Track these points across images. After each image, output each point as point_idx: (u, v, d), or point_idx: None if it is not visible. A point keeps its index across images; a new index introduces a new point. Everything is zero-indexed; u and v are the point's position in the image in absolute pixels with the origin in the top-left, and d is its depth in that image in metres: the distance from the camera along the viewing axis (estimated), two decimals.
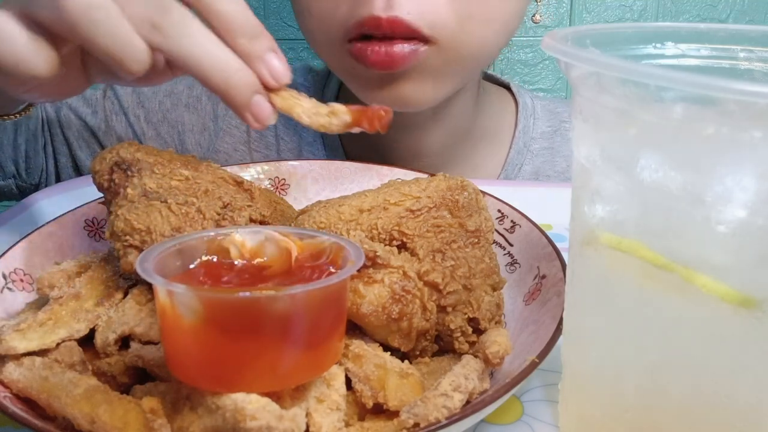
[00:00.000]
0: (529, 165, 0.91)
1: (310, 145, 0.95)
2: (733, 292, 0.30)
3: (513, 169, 0.91)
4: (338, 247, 0.39)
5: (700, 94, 0.27)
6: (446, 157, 0.89)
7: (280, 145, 0.95)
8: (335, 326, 0.38)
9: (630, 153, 0.32)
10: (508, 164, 0.91)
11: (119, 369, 0.41)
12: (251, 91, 0.45)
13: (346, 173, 0.66)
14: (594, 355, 0.37)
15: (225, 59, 0.44)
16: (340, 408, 0.38)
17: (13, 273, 0.49)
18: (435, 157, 0.89)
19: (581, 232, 0.37)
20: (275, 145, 0.95)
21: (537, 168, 0.92)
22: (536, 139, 0.92)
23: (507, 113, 0.94)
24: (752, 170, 0.28)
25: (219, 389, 0.35)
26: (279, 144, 0.95)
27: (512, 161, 0.91)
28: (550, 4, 1.51)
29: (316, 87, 0.98)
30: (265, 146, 0.96)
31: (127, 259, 0.43)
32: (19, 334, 0.40)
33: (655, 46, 0.39)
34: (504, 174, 0.91)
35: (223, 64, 0.43)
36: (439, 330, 0.44)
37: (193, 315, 0.34)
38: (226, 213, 0.46)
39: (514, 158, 0.91)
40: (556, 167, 0.92)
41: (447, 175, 0.52)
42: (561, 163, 0.92)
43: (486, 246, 0.48)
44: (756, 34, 0.38)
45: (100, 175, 0.47)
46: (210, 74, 0.43)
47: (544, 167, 0.92)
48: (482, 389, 0.40)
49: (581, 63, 0.31)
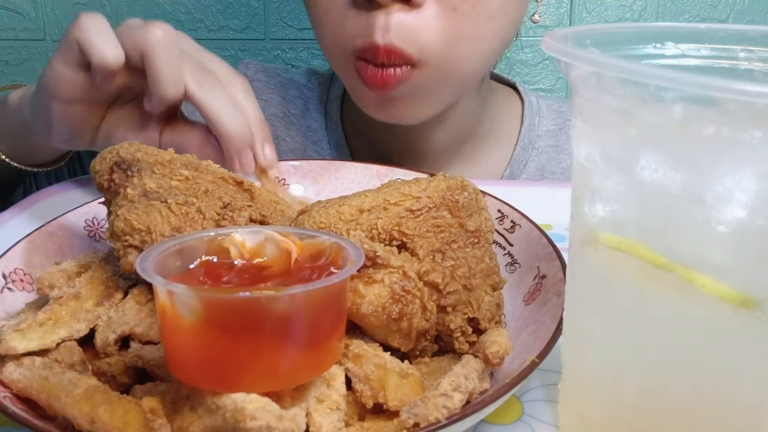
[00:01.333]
0: (534, 161, 0.92)
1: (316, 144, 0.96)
2: (733, 292, 0.30)
3: (519, 166, 0.92)
4: (338, 247, 0.39)
5: (700, 94, 0.27)
6: (452, 156, 0.91)
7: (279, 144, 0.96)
8: (335, 326, 0.38)
9: (630, 153, 0.32)
10: (514, 161, 0.92)
11: (119, 369, 0.41)
12: (245, 144, 0.60)
13: (346, 173, 0.66)
14: (594, 355, 0.37)
15: (237, 117, 0.59)
16: (340, 408, 0.38)
17: (13, 273, 0.49)
18: (440, 156, 0.90)
19: (581, 232, 0.37)
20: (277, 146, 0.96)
21: (542, 165, 0.92)
22: (541, 136, 0.93)
23: (513, 112, 0.95)
24: (752, 170, 0.28)
25: (219, 389, 0.35)
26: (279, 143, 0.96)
27: (518, 158, 0.92)
28: (550, 4, 1.50)
29: (320, 89, 0.99)
30: None
31: (127, 259, 0.43)
32: (19, 334, 0.40)
33: (655, 46, 0.39)
34: (510, 170, 0.92)
35: (234, 118, 0.59)
36: (439, 330, 0.44)
37: (193, 315, 0.34)
38: (226, 213, 0.46)
39: (520, 155, 0.92)
40: (561, 164, 0.93)
41: (447, 175, 0.52)
42: (566, 161, 0.93)
43: (486, 246, 0.48)
44: (756, 34, 0.38)
45: (100, 175, 0.47)
46: (223, 122, 0.59)
47: (549, 164, 0.93)
48: (482, 389, 0.40)
49: (581, 63, 0.31)
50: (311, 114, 0.97)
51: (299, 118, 0.97)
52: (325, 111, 0.96)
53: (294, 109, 0.98)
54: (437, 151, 0.90)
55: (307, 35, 1.56)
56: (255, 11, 1.55)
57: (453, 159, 0.91)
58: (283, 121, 0.97)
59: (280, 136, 0.97)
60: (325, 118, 0.96)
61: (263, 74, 1.00)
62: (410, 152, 0.90)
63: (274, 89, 0.99)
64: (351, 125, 0.96)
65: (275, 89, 0.99)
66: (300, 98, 0.98)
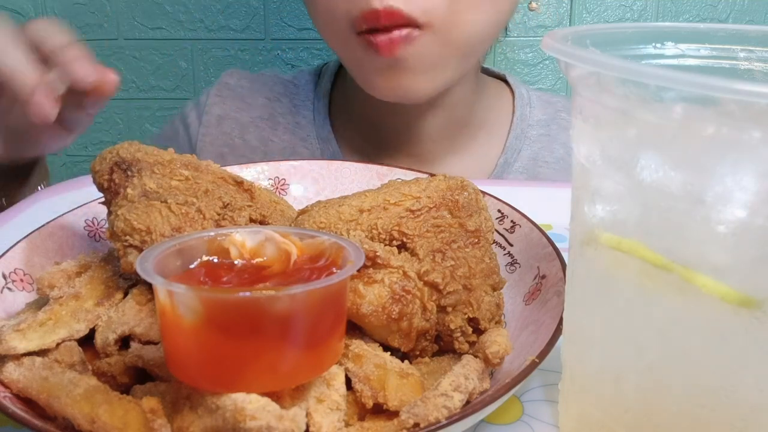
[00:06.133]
0: (527, 151, 0.94)
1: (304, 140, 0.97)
2: (733, 292, 0.30)
3: (512, 155, 0.94)
4: (338, 248, 0.39)
5: (700, 94, 0.27)
6: (446, 145, 0.92)
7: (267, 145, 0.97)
8: (335, 326, 0.38)
9: (630, 153, 0.32)
10: (507, 149, 0.94)
11: (119, 369, 0.41)
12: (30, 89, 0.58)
13: (346, 173, 0.66)
14: (594, 354, 0.37)
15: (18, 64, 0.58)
16: (340, 408, 0.38)
17: (13, 273, 0.49)
18: (434, 145, 0.92)
19: (581, 232, 0.37)
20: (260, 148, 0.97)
21: (535, 153, 0.94)
22: (533, 126, 0.95)
23: (504, 103, 0.97)
24: (752, 170, 0.28)
25: (219, 389, 0.35)
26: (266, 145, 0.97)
27: (511, 146, 0.94)
28: (550, 4, 1.51)
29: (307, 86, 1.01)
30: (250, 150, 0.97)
31: (127, 259, 0.43)
32: (19, 334, 0.40)
33: (655, 46, 0.39)
34: (503, 159, 0.94)
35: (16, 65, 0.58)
36: (439, 330, 0.44)
37: (193, 315, 0.34)
38: (226, 213, 0.46)
39: (513, 144, 0.94)
40: (554, 154, 0.95)
41: (447, 175, 0.52)
42: (558, 150, 0.95)
43: (486, 246, 0.48)
44: (756, 34, 0.38)
45: (100, 175, 0.47)
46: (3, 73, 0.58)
47: (542, 153, 0.94)
48: (482, 389, 0.40)
49: (581, 63, 0.31)
50: (299, 110, 0.98)
51: (286, 115, 0.98)
52: (312, 107, 0.98)
53: (281, 107, 0.99)
54: (429, 140, 0.91)
55: (307, 35, 1.56)
56: (255, 11, 1.55)
57: (446, 149, 0.93)
58: (269, 122, 0.98)
59: (267, 138, 0.98)
60: (313, 113, 0.97)
61: (246, 81, 1.01)
62: (401, 141, 0.92)
63: (258, 92, 1.00)
64: (340, 118, 0.97)
65: (259, 92, 1.00)
66: (286, 95, 1.00)
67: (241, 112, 0.98)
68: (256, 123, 0.98)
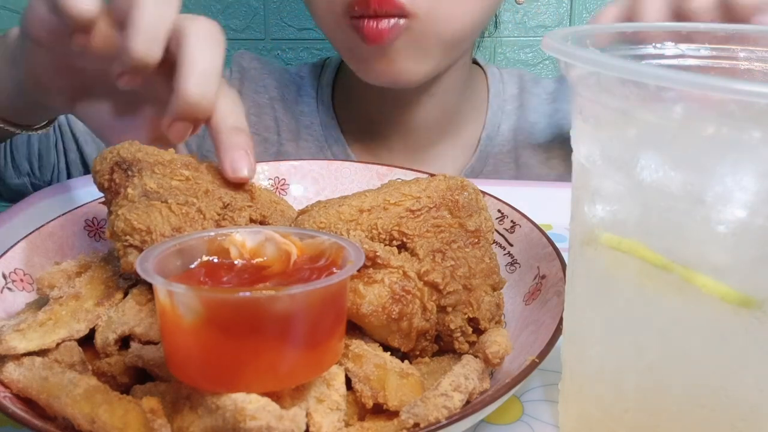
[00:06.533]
0: (506, 124, 1.01)
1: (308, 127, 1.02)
2: (733, 292, 0.30)
3: (493, 129, 1.00)
4: (338, 248, 0.39)
5: (700, 94, 0.27)
6: (438, 132, 0.99)
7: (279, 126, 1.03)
8: (335, 326, 0.38)
9: (630, 153, 0.32)
10: (488, 125, 1.00)
11: (119, 369, 0.41)
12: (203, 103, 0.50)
13: (346, 173, 0.67)
14: (594, 355, 0.37)
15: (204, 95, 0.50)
16: (340, 408, 0.38)
17: (13, 273, 0.49)
18: (427, 132, 0.98)
19: (581, 232, 0.37)
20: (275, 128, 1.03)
21: (513, 125, 1.01)
22: (507, 100, 1.02)
23: (479, 83, 1.04)
24: (752, 170, 0.28)
25: (219, 389, 0.35)
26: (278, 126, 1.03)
27: (491, 121, 1.00)
28: (550, 4, 1.51)
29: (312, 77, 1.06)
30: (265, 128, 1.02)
31: (127, 259, 0.43)
32: (19, 334, 0.40)
33: (655, 46, 0.39)
34: (485, 134, 1.00)
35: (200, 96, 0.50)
36: (439, 330, 0.44)
37: (193, 315, 0.34)
38: (226, 213, 0.46)
39: (492, 119, 1.00)
40: (529, 119, 1.01)
41: (447, 175, 0.52)
42: (532, 115, 1.01)
43: (486, 246, 0.48)
44: (756, 34, 0.38)
45: (101, 175, 0.47)
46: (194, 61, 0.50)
47: (519, 123, 1.01)
48: (482, 389, 0.40)
49: (581, 63, 0.31)
50: (303, 99, 1.04)
51: (292, 103, 1.04)
52: (316, 95, 1.03)
53: (288, 95, 1.05)
54: (425, 126, 0.97)
55: (307, 35, 1.56)
56: (255, 11, 1.55)
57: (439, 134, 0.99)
58: (281, 102, 1.04)
59: (279, 118, 1.03)
60: (317, 102, 1.03)
61: (258, 62, 1.06)
62: (399, 128, 0.97)
63: (269, 75, 1.06)
64: (342, 107, 1.02)
65: (270, 75, 1.06)
66: (293, 84, 1.05)
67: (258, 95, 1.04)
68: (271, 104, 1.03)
